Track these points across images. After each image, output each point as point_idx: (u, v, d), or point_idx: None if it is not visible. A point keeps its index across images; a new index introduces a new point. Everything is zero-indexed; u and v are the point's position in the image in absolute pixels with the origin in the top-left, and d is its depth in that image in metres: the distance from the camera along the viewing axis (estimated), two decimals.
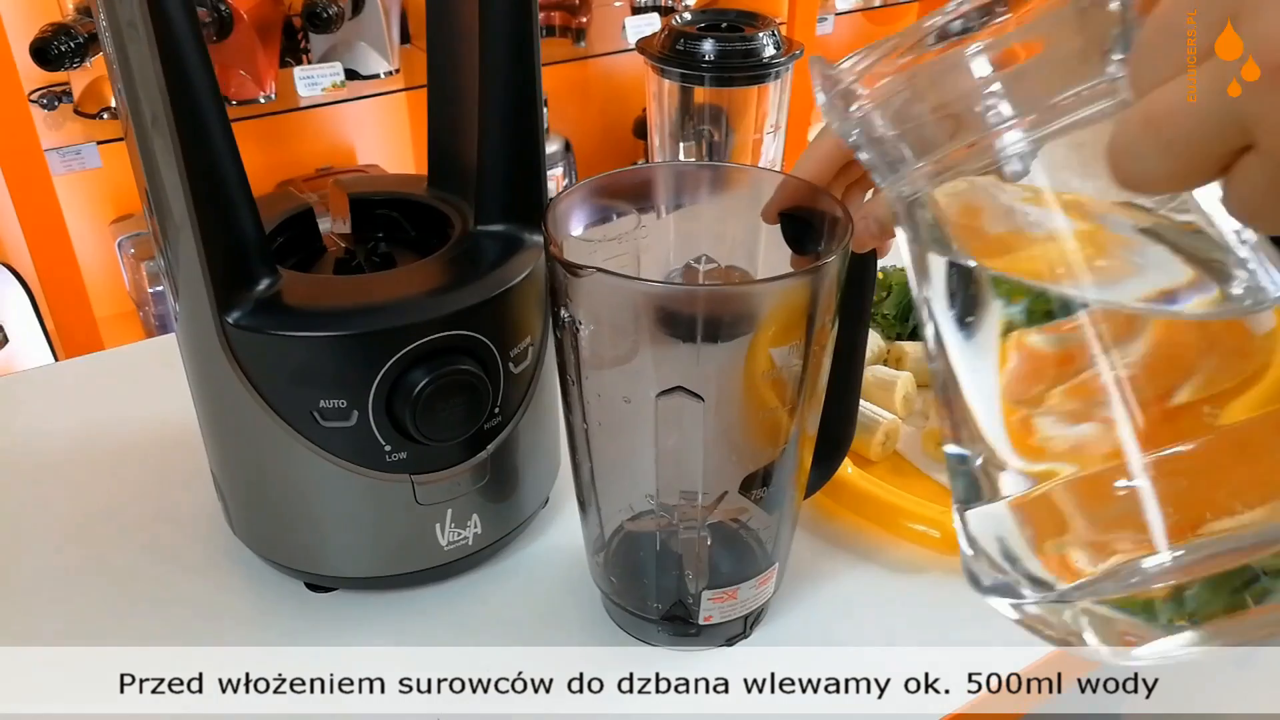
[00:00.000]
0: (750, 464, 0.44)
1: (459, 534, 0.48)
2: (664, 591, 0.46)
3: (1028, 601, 0.29)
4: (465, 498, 0.47)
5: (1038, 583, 0.28)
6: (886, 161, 0.32)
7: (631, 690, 0.45)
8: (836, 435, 0.47)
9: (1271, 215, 0.23)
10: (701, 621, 0.46)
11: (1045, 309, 0.29)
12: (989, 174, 0.30)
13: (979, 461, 0.31)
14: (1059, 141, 0.29)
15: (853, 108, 0.32)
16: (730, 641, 0.47)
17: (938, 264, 0.32)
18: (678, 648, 0.47)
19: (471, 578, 0.51)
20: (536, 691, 0.45)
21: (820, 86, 0.32)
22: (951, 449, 0.32)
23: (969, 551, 0.31)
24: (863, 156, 0.32)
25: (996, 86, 0.29)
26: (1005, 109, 0.29)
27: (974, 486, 0.31)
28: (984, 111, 0.29)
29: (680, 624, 0.46)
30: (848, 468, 0.53)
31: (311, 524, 0.47)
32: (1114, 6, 0.27)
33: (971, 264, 0.31)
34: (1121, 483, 0.27)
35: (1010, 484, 0.29)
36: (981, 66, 0.29)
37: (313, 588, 0.50)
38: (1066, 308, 0.29)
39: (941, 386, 0.32)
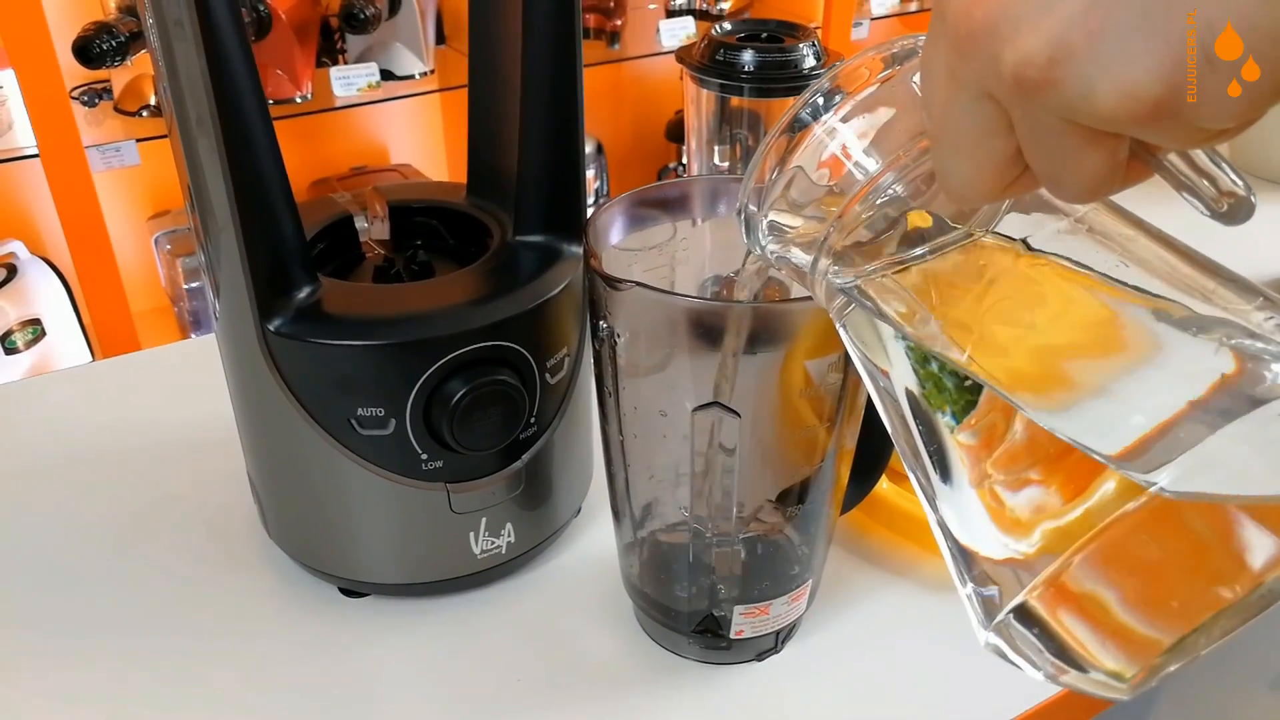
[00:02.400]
0: (786, 479, 0.44)
1: (493, 542, 0.48)
2: (696, 604, 0.46)
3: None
4: (500, 507, 0.47)
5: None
6: (806, 261, 0.32)
7: (660, 701, 0.45)
8: (874, 451, 0.47)
9: (1060, 163, 0.24)
10: (733, 635, 0.46)
11: (965, 400, 0.29)
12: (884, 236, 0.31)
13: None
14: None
15: (761, 228, 0.33)
16: (761, 656, 0.47)
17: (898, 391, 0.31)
18: (708, 661, 0.47)
19: (504, 586, 0.51)
20: (565, 700, 0.45)
21: (746, 231, 0.34)
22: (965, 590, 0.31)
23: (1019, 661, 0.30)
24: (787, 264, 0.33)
25: (861, 151, 0.30)
26: (872, 163, 0.30)
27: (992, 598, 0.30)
28: (856, 171, 0.30)
29: (711, 637, 0.46)
30: (883, 483, 0.52)
31: (346, 530, 0.47)
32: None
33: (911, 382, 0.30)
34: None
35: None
36: (845, 138, 0.30)
37: (346, 592, 0.50)
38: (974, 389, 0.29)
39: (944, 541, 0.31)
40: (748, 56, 0.62)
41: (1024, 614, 0.28)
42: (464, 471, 0.45)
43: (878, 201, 0.30)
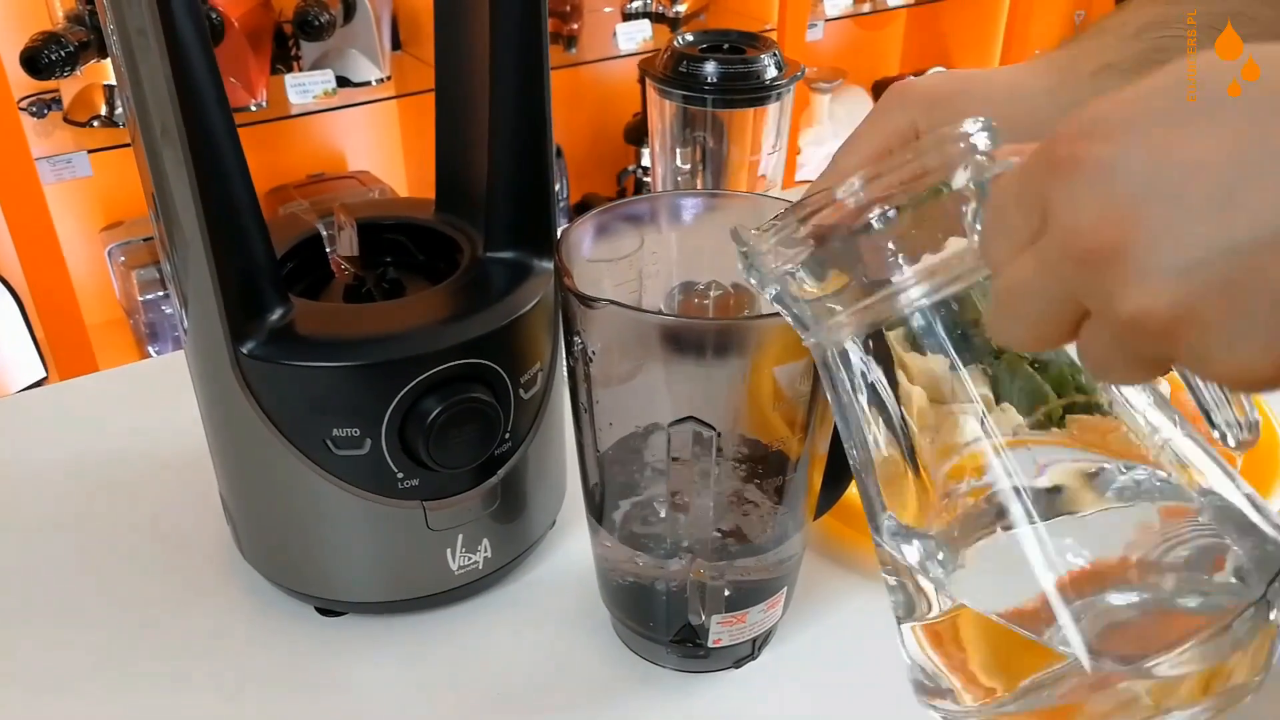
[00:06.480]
0: (761, 488, 0.44)
1: (469, 558, 0.48)
2: (673, 614, 0.46)
3: (958, 712, 0.32)
4: (476, 522, 0.47)
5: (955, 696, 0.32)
6: (810, 315, 0.33)
7: (639, 711, 0.46)
8: (845, 457, 0.47)
9: (1116, 370, 0.26)
10: (710, 644, 0.46)
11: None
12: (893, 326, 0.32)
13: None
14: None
15: (775, 265, 0.33)
16: (739, 663, 0.48)
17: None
18: (686, 670, 0.48)
19: (482, 601, 0.51)
20: (545, 713, 0.45)
21: (742, 256, 0.34)
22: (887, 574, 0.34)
23: (908, 662, 0.34)
24: (785, 313, 0.34)
25: (892, 247, 0.31)
26: (904, 264, 0.31)
27: (909, 603, 0.33)
28: (887, 266, 0.31)
29: (689, 646, 0.47)
30: (854, 488, 0.53)
31: (323, 549, 0.47)
32: (962, 183, 0.30)
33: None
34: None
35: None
36: (878, 227, 0.31)
37: (323, 612, 0.50)
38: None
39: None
40: (710, 68, 0.63)
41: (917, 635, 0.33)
42: (440, 489, 0.45)
43: (895, 308, 0.31)
